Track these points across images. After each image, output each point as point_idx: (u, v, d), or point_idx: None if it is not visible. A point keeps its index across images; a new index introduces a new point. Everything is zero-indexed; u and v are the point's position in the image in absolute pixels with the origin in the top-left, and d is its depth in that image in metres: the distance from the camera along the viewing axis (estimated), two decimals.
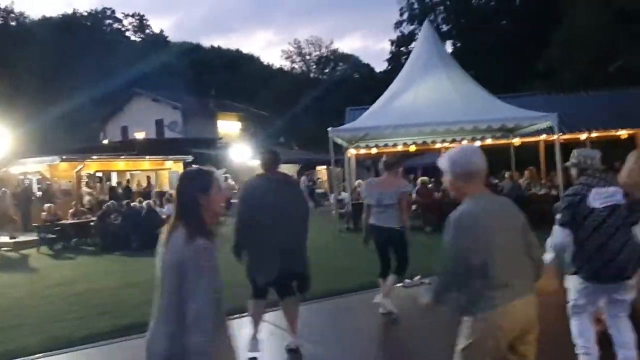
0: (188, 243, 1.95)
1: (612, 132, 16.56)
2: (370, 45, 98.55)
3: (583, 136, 16.39)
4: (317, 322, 5.31)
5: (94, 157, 18.57)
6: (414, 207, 11.61)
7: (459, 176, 2.38)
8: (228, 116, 32.70)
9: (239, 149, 21.10)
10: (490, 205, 2.37)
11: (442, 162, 2.47)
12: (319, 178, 29.12)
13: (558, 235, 3.36)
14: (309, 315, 5.04)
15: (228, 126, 31.83)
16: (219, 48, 55.68)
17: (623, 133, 16.74)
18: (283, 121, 35.04)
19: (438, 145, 16.10)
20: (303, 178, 21.88)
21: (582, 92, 18.25)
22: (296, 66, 54.32)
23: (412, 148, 15.11)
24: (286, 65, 54.53)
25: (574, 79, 20.98)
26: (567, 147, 15.28)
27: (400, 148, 14.85)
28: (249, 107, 35.60)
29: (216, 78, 41.65)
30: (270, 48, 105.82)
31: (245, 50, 57.20)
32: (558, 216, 3.49)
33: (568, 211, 3.31)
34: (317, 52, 53.44)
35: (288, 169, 19.76)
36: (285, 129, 34.80)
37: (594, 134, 16.34)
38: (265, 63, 55.98)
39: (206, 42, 71.92)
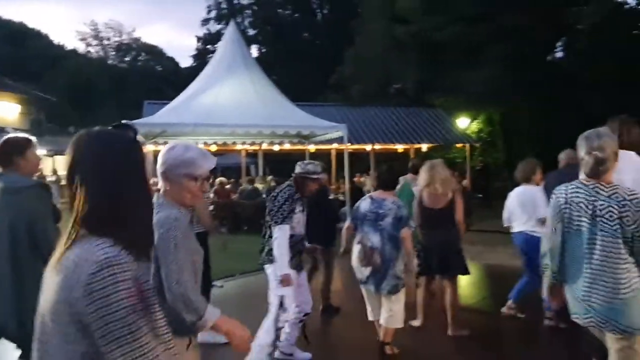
0: None
1: (392, 146, 18.76)
2: (176, 39, 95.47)
3: (368, 147, 18.25)
4: None
5: None
6: (211, 207, 11.52)
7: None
8: (5, 96, 28.25)
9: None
10: None
11: None
12: None
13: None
14: None
15: (5, 108, 27.49)
16: None
17: (400, 147, 19.11)
18: (74, 109, 31.58)
19: (239, 147, 16.31)
20: None
21: (368, 108, 20.23)
22: (92, 50, 49.52)
23: (213, 148, 15.02)
24: (80, 47, 49.34)
25: (361, 95, 23.13)
26: (355, 157, 16.75)
27: (200, 147, 14.66)
28: (33, 89, 31.33)
29: None
30: (61, 26, 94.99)
31: (30, 25, 50.00)
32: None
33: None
34: (118, 38, 49.47)
35: None
36: (77, 117, 31.52)
37: (377, 146, 18.31)
38: (55, 42, 49.75)
39: None
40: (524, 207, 4.96)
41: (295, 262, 3.97)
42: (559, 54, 21.42)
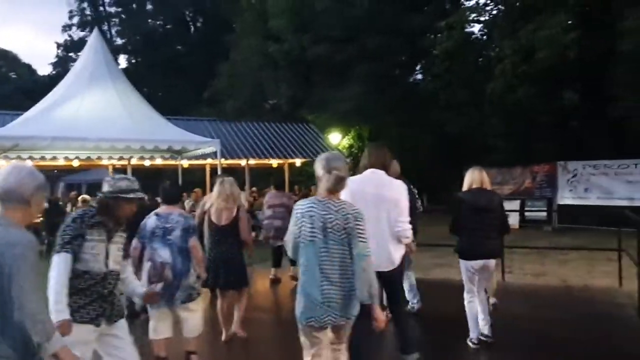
0: None
1: (266, 161, 18.96)
2: (33, 45, 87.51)
3: (243, 162, 18.26)
4: None
5: None
6: None
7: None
8: None
9: None
10: None
11: None
12: None
13: None
14: None
15: None
16: None
17: (275, 162, 19.38)
18: None
19: (105, 162, 15.39)
20: None
21: (242, 123, 20.30)
22: None
23: (76, 163, 14.05)
24: None
25: (236, 110, 23.17)
26: (230, 172, 16.69)
27: (61, 162, 13.62)
28: None
29: None
30: None
31: None
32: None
33: None
34: None
35: None
36: None
37: (252, 162, 18.40)
38: None
39: None
40: None
41: (93, 311, 2.87)
42: (419, 76, 23.35)
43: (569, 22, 13.94)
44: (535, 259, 9.53)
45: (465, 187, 4.70)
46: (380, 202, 3.69)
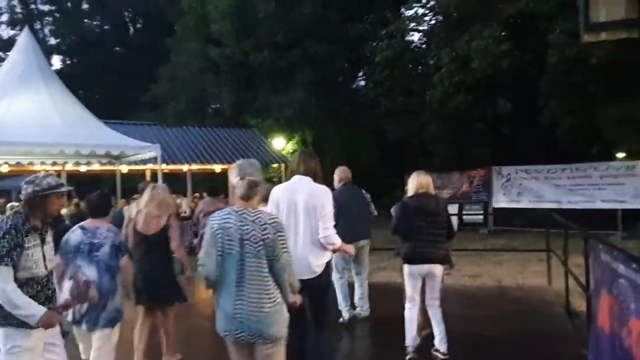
0: None
1: (209, 166, 18.68)
2: None
3: (185, 168, 17.90)
4: None
5: None
6: None
7: None
8: None
9: None
10: None
11: None
12: None
13: None
14: None
15: None
16: None
17: (217, 168, 19.12)
18: None
19: (37, 167, 14.67)
20: None
21: (184, 127, 19.92)
22: None
23: (4, 168, 13.36)
24: None
25: (177, 115, 22.72)
26: (172, 178, 16.32)
27: None
28: None
29: None
30: None
31: None
32: None
33: None
34: None
35: None
36: None
37: (194, 167, 18.07)
38: None
39: None
40: None
41: None
42: (362, 83, 23.77)
43: (502, 33, 14.63)
44: (473, 260, 9.89)
45: (410, 192, 4.63)
46: (305, 209, 3.63)
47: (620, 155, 14.89)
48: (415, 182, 4.58)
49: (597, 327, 4.01)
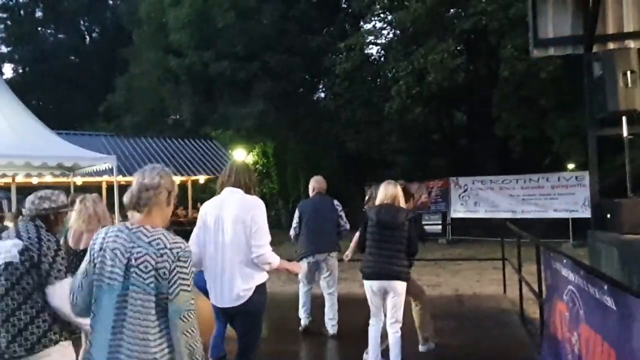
0: None
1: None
2: None
3: None
4: None
5: None
6: None
7: None
8: None
9: None
10: None
11: None
12: None
13: None
14: None
15: None
16: None
17: (177, 179, 18.81)
18: None
19: None
20: None
21: (142, 139, 19.56)
22: None
23: None
24: None
25: (135, 125, 22.28)
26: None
27: None
28: None
29: None
30: None
31: None
32: None
33: None
34: None
35: None
36: None
37: None
38: None
39: None
40: None
41: None
42: (322, 94, 23.89)
43: (457, 48, 15.03)
44: (432, 270, 10.04)
45: (377, 202, 4.46)
46: (233, 225, 3.25)
47: (571, 166, 15.49)
48: (382, 193, 4.40)
49: (550, 333, 4.14)
